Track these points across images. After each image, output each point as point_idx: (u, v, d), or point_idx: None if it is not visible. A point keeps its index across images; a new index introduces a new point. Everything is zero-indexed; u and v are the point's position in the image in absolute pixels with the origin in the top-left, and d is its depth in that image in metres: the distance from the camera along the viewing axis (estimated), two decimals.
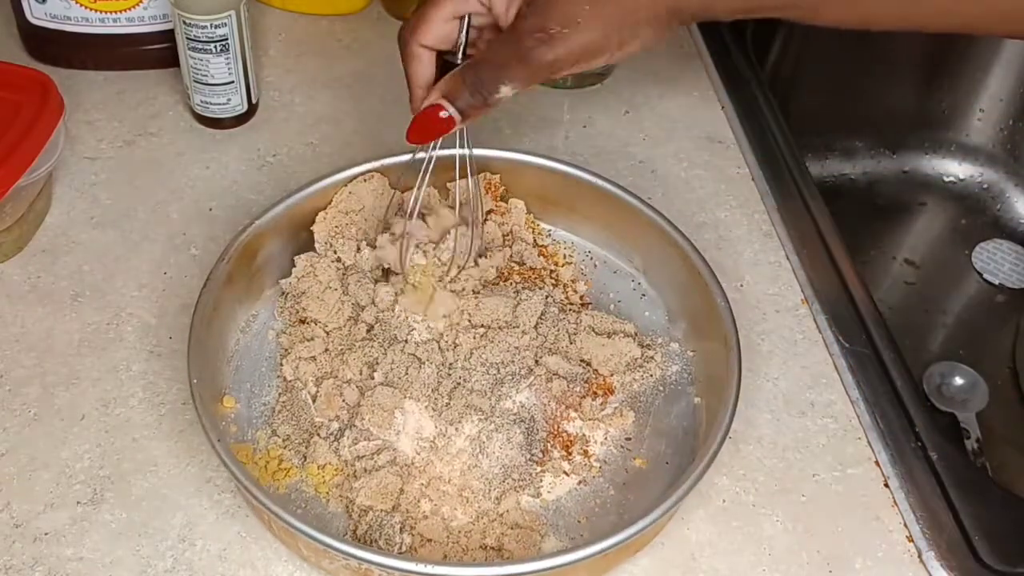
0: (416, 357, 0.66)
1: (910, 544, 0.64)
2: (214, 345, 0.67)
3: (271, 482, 0.63)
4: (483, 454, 0.63)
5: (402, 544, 0.60)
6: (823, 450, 0.68)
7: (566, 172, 0.74)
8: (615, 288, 0.75)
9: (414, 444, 0.63)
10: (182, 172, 0.82)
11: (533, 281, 0.72)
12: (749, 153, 0.86)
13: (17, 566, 0.60)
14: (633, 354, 0.69)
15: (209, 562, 0.61)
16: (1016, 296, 0.94)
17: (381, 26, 0.96)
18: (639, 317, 0.73)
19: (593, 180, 0.73)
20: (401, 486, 0.62)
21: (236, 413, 0.66)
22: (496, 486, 0.62)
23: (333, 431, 0.64)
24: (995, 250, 0.97)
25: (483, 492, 0.62)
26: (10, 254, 0.75)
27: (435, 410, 0.64)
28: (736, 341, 0.64)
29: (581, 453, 0.65)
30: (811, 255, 0.78)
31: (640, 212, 0.72)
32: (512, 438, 0.63)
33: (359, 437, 0.63)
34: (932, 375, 0.86)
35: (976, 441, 0.81)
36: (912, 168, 1.03)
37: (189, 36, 0.79)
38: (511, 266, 0.73)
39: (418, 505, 0.62)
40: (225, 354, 0.69)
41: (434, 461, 0.63)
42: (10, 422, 0.66)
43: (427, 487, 0.62)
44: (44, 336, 0.71)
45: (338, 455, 0.63)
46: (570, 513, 0.63)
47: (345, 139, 0.86)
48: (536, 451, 0.64)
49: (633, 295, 0.75)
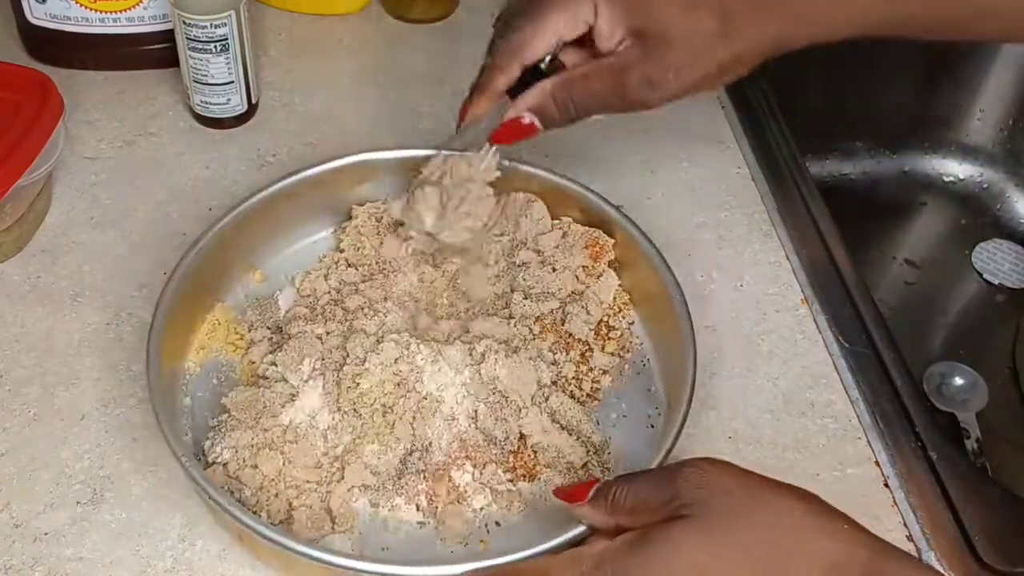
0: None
1: (910, 544, 0.64)
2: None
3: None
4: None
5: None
6: (823, 450, 0.68)
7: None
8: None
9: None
10: (182, 172, 0.82)
11: (563, 347, 0.69)
12: (749, 153, 0.86)
13: (17, 566, 0.60)
14: (572, 459, 0.64)
15: (209, 562, 0.61)
16: (1016, 296, 0.94)
17: (381, 26, 0.96)
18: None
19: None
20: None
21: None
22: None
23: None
24: (995, 250, 0.97)
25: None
26: (10, 254, 0.75)
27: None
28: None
29: (452, 499, 0.63)
30: (811, 255, 0.78)
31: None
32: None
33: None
34: (932, 375, 0.86)
35: (976, 441, 0.81)
36: (912, 168, 1.03)
37: (189, 36, 0.79)
38: (554, 326, 0.70)
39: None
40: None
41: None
42: (10, 422, 0.66)
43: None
44: (44, 336, 0.71)
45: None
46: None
47: (345, 139, 0.86)
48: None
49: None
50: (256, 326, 0.70)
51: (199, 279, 0.68)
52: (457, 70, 0.92)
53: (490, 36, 0.65)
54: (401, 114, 0.88)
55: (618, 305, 0.72)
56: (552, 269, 0.72)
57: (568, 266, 0.72)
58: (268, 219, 0.72)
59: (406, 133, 0.86)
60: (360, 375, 0.63)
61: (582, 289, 0.72)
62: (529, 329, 0.69)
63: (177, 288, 0.66)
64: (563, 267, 0.72)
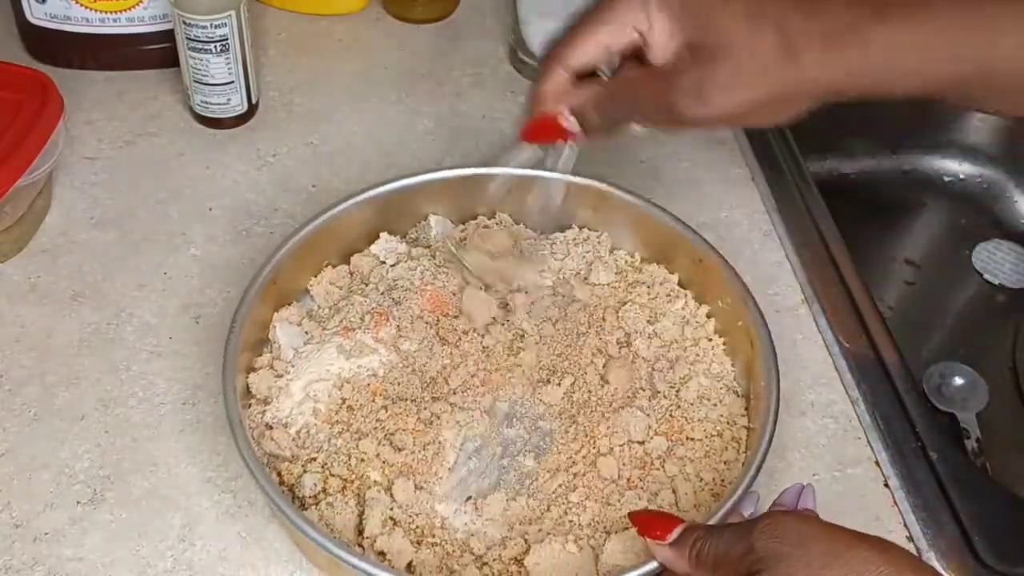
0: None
1: (910, 544, 0.64)
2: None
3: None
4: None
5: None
6: (823, 450, 0.68)
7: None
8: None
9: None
10: (182, 172, 0.82)
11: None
12: (749, 153, 0.86)
13: (17, 566, 0.60)
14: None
15: (209, 562, 0.61)
16: (1016, 296, 0.94)
17: (381, 26, 0.96)
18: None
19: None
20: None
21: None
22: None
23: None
24: (995, 250, 0.97)
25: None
26: (10, 254, 0.75)
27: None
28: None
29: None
30: (811, 255, 0.78)
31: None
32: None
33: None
34: (932, 375, 0.86)
35: (976, 441, 0.81)
36: (912, 168, 1.03)
37: (189, 36, 0.79)
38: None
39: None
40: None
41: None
42: (10, 422, 0.66)
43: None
44: (44, 336, 0.71)
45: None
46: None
47: (345, 139, 0.86)
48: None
49: None
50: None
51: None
52: (457, 70, 0.92)
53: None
54: (401, 114, 0.88)
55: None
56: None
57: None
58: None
59: (406, 133, 0.86)
60: None
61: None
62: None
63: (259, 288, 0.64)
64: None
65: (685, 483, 0.61)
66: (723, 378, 0.66)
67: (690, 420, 0.64)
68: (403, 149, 0.85)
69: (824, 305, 0.75)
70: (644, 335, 0.68)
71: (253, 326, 0.64)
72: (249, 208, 0.80)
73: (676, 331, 0.68)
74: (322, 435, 0.61)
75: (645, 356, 0.67)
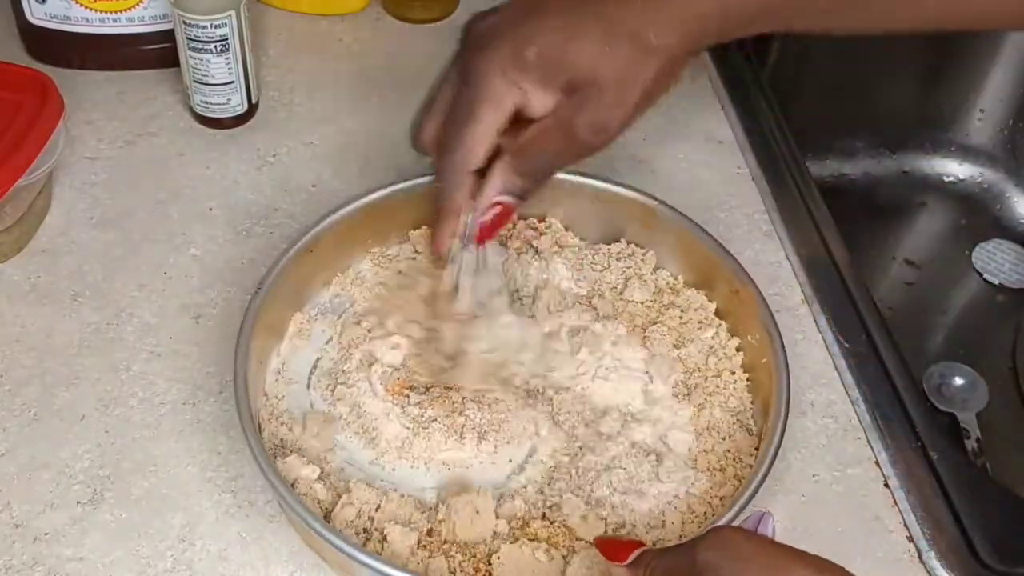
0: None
1: (910, 544, 0.64)
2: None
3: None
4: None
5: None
6: (823, 450, 0.68)
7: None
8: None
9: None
10: (182, 172, 0.82)
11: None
12: (749, 153, 0.86)
13: (17, 566, 0.60)
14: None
15: (209, 562, 0.61)
16: (1016, 296, 0.94)
17: (381, 26, 0.96)
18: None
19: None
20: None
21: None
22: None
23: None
24: (995, 250, 0.97)
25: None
26: (10, 254, 0.75)
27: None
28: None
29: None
30: (811, 255, 0.78)
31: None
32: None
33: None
34: (932, 375, 0.86)
35: (976, 441, 0.81)
36: (912, 168, 1.03)
37: (189, 36, 0.79)
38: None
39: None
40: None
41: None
42: (10, 422, 0.66)
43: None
44: (44, 336, 0.71)
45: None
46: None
47: (345, 139, 0.86)
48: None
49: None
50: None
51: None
52: None
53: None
54: (401, 114, 0.88)
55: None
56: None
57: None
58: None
59: (406, 133, 0.86)
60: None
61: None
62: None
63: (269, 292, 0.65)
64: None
65: (674, 514, 0.60)
66: (739, 414, 0.65)
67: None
68: (404, 149, 0.85)
69: (824, 305, 0.75)
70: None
71: (280, 297, 0.65)
72: (249, 208, 0.80)
73: (700, 359, 0.68)
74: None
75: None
